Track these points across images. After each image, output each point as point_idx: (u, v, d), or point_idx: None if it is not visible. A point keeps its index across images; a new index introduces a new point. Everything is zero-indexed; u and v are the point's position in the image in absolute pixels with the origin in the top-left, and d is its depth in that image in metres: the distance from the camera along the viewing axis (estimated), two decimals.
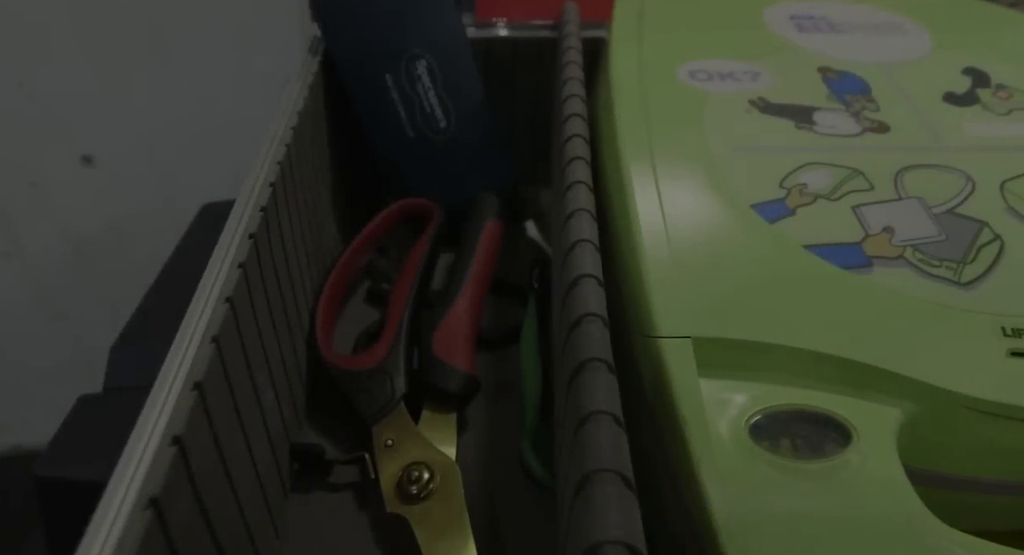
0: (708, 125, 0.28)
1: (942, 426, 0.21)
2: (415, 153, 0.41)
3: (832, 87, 0.30)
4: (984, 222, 0.24)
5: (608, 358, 0.19)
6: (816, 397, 0.21)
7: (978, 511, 0.23)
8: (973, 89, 0.30)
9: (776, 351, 0.21)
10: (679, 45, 0.32)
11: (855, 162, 0.26)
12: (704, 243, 0.23)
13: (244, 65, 0.56)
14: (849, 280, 0.23)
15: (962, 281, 0.23)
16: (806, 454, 0.20)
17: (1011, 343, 0.21)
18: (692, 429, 0.20)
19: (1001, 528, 0.23)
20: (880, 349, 0.21)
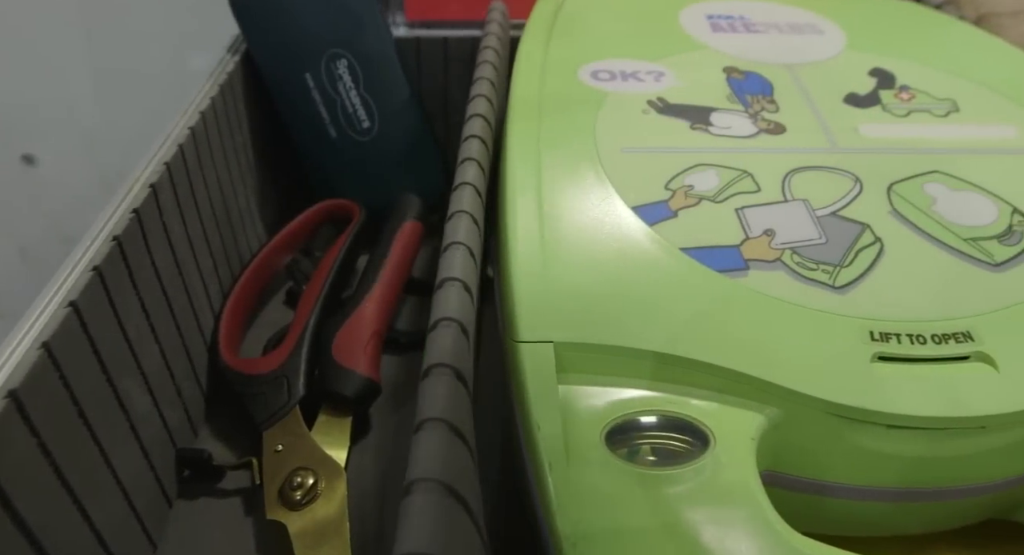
0: (601, 126, 0.27)
1: (806, 431, 0.21)
2: (339, 153, 0.41)
3: (735, 88, 0.30)
4: (867, 225, 0.24)
5: (458, 364, 0.19)
6: (680, 403, 0.21)
7: (847, 517, 0.23)
8: (876, 90, 0.30)
9: (641, 356, 0.21)
10: (587, 45, 0.32)
11: (745, 164, 0.26)
12: (578, 246, 0.23)
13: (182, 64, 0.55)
14: (722, 284, 0.22)
15: (836, 285, 0.22)
16: (664, 461, 0.20)
17: (877, 347, 0.21)
18: (544, 435, 0.19)
19: (870, 534, 0.23)
20: (745, 354, 0.21)
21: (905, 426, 0.20)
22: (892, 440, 0.21)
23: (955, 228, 0.24)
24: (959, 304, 0.22)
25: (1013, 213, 0.25)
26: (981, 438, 0.21)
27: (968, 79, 0.31)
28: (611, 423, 0.20)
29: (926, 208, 0.25)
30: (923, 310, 0.22)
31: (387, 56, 0.40)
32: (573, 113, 0.28)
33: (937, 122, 0.28)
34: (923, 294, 0.22)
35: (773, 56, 0.32)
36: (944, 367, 0.21)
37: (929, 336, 0.21)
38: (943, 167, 0.26)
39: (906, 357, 0.21)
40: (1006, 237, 0.24)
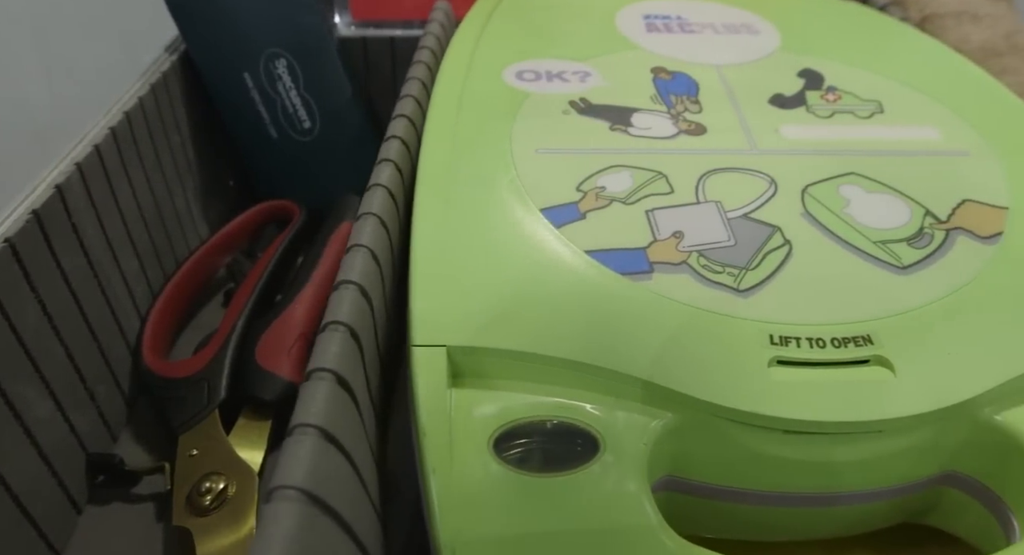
0: (518, 127, 0.27)
1: (703, 437, 0.21)
2: (279, 154, 0.41)
3: (660, 88, 0.30)
4: (777, 227, 0.24)
5: (342, 370, 0.19)
6: (574, 408, 0.20)
7: (753, 522, 0.22)
8: (803, 91, 0.30)
9: (536, 361, 0.21)
10: (517, 45, 0.32)
11: (661, 165, 0.26)
12: (480, 249, 0.23)
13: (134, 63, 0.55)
14: (624, 287, 0.22)
15: (740, 288, 0.22)
16: (553, 467, 0.19)
17: (776, 352, 0.21)
18: (428, 440, 0.19)
19: (778, 539, 0.23)
20: (640, 359, 0.20)
21: (801, 431, 0.20)
22: (789, 445, 0.21)
23: (866, 230, 0.24)
24: (862, 307, 0.22)
25: (926, 215, 0.24)
26: (878, 442, 0.21)
27: (898, 81, 0.31)
28: (501, 428, 0.20)
29: (839, 210, 0.24)
30: (825, 314, 0.22)
31: (328, 56, 0.40)
32: (491, 114, 0.28)
33: (860, 123, 0.28)
34: (826, 297, 0.22)
35: (704, 56, 0.32)
36: (842, 371, 0.21)
37: (829, 340, 0.21)
38: (860, 169, 0.26)
39: (804, 361, 0.21)
40: (916, 240, 0.24)
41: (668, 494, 0.22)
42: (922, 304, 0.22)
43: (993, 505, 0.21)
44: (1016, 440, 0.20)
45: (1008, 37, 0.39)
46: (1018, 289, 0.22)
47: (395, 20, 0.44)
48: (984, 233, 0.24)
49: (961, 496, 0.22)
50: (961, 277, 0.23)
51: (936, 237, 0.24)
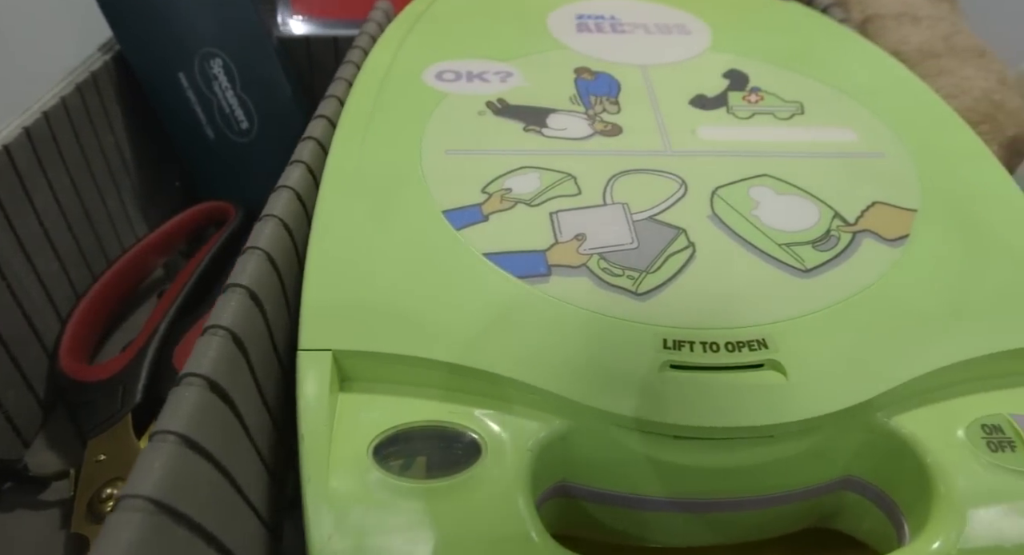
0: (431, 127, 0.27)
1: (594, 443, 0.20)
2: (217, 154, 0.40)
3: (580, 89, 0.29)
4: (682, 229, 0.24)
5: (216, 376, 0.18)
6: (462, 413, 0.20)
7: (651, 528, 0.22)
8: (725, 92, 0.30)
9: (426, 366, 0.20)
10: (441, 45, 0.32)
11: (571, 166, 0.25)
12: (377, 251, 0.22)
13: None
14: (520, 290, 0.22)
15: (639, 291, 0.22)
16: (434, 473, 0.19)
17: (669, 356, 0.21)
18: (307, 447, 0.19)
19: (679, 545, 0.23)
20: (531, 364, 0.20)
21: (691, 437, 0.20)
22: (681, 451, 0.20)
23: (772, 233, 0.24)
24: (760, 311, 0.22)
25: (834, 218, 0.24)
26: (771, 447, 0.20)
27: (824, 83, 0.31)
28: (384, 434, 0.20)
29: (746, 212, 0.24)
30: (721, 317, 0.21)
31: (266, 55, 0.39)
32: (405, 114, 0.27)
33: (778, 125, 0.28)
34: (724, 301, 0.22)
35: (631, 57, 0.32)
36: (735, 376, 0.21)
37: (723, 344, 0.21)
38: (773, 171, 0.26)
39: (698, 366, 0.21)
40: (821, 242, 0.23)
41: (564, 500, 0.22)
42: (820, 307, 0.22)
43: (888, 509, 0.21)
44: (906, 444, 0.20)
45: (947, 38, 0.38)
46: (917, 292, 0.22)
47: (339, 19, 0.44)
48: (890, 235, 0.24)
49: (860, 500, 0.22)
50: (862, 280, 0.22)
51: (842, 239, 0.24)
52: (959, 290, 0.22)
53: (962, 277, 0.23)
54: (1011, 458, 0.20)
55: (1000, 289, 0.22)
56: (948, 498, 0.19)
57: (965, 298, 0.22)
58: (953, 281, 0.23)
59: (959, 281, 0.23)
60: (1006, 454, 0.20)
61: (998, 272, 0.23)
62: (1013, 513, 0.19)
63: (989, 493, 0.19)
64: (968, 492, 0.19)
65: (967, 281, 0.23)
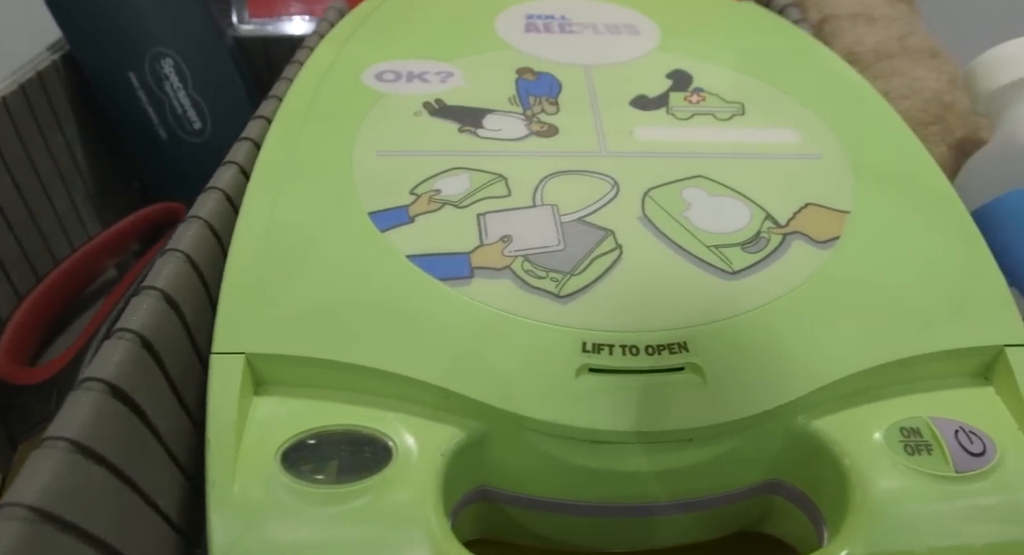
0: (365, 128, 0.26)
1: (511, 447, 0.20)
2: (170, 155, 0.40)
3: (521, 89, 0.29)
4: (611, 231, 0.23)
5: (119, 381, 0.18)
6: (377, 417, 0.20)
7: (575, 533, 0.22)
8: (667, 93, 0.29)
9: (341, 369, 0.20)
10: (385, 45, 0.31)
11: (503, 167, 0.25)
12: (298, 253, 0.22)
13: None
14: (440, 293, 0.21)
15: (561, 294, 0.22)
16: (343, 478, 0.19)
17: (587, 359, 0.20)
18: (213, 451, 0.19)
19: (605, 550, 0.23)
20: (448, 367, 0.20)
21: (608, 441, 0.20)
22: (598, 456, 0.20)
23: (701, 235, 0.23)
24: (683, 314, 0.21)
25: (765, 219, 0.24)
26: (689, 452, 0.20)
27: (770, 83, 0.30)
28: (295, 438, 0.19)
29: (677, 214, 0.24)
30: (643, 320, 0.21)
31: (218, 56, 0.39)
32: (339, 115, 0.27)
33: (718, 125, 0.28)
34: (647, 304, 0.22)
35: (576, 57, 0.31)
36: (654, 379, 0.20)
37: (643, 347, 0.21)
38: (708, 172, 0.26)
39: (616, 369, 0.20)
40: (751, 244, 0.23)
41: (487, 504, 0.22)
42: (745, 310, 0.22)
43: (811, 513, 0.21)
44: (825, 447, 0.20)
45: (901, 39, 0.38)
46: (842, 295, 0.22)
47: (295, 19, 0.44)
48: (821, 237, 0.24)
49: (786, 504, 0.22)
50: (789, 282, 0.22)
51: (772, 241, 0.23)
52: (885, 293, 0.22)
53: (889, 280, 0.23)
54: (927, 461, 0.20)
55: (926, 293, 0.22)
56: (862, 502, 0.19)
57: (890, 301, 0.22)
58: (879, 284, 0.23)
59: (885, 284, 0.23)
60: (922, 457, 0.20)
61: (925, 276, 0.23)
62: (924, 517, 0.19)
63: (902, 497, 0.19)
64: (881, 496, 0.19)
65: (893, 284, 0.23)
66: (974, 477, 0.19)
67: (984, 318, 0.22)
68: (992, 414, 0.21)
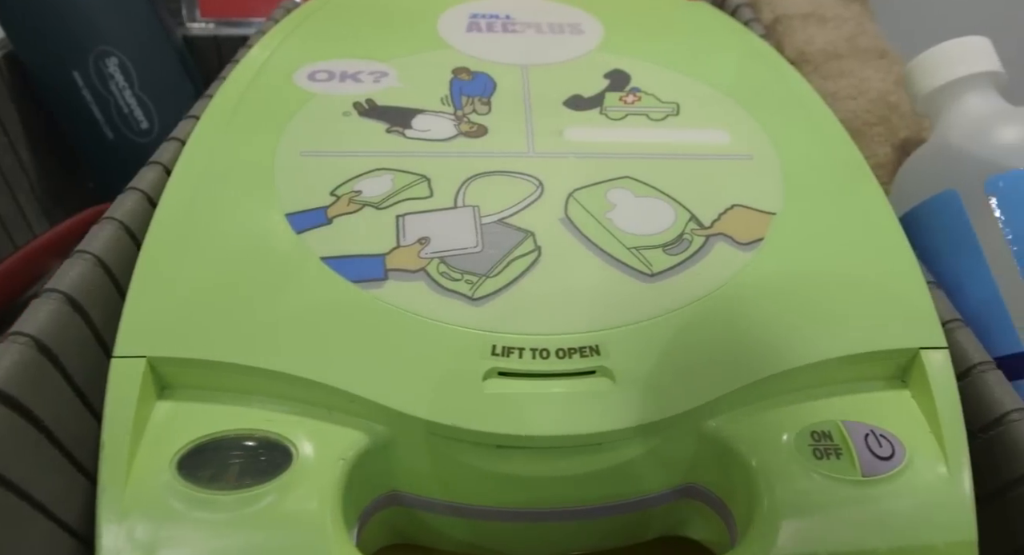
0: (292, 129, 0.26)
1: (417, 452, 0.20)
2: (117, 155, 0.40)
3: (454, 89, 0.29)
4: (531, 232, 0.23)
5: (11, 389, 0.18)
6: (280, 421, 0.20)
7: (489, 539, 0.22)
8: (603, 93, 0.29)
9: (245, 373, 0.20)
10: (322, 44, 0.31)
11: (428, 168, 0.25)
12: (211, 255, 0.22)
13: None
14: (352, 295, 0.21)
15: (475, 296, 0.21)
16: (244, 483, 0.18)
17: (496, 363, 0.20)
18: (106, 456, 0.18)
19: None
20: (353, 371, 0.20)
21: (514, 446, 0.20)
22: (506, 461, 0.20)
23: (623, 236, 0.23)
24: (596, 317, 0.21)
25: (689, 221, 0.24)
26: (600, 456, 0.20)
27: (709, 83, 0.30)
28: (194, 443, 0.19)
29: (600, 215, 0.24)
30: (555, 323, 0.21)
31: (165, 54, 0.39)
32: (267, 114, 0.27)
33: (650, 126, 0.28)
34: (562, 306, 0.21)
35: (515, 56, 0.31)
36: (563, 383, 0.20)
37: (554, 350, 0.20)
38: (636, 172, 0.25)
39: (525, 373, 0.20)
40: (672, 246, 0.23)
41: (400, 509, 0.21)
42: (661, 313, 0.21)
43: (726, 517, 0.21)
44: (736, 451, 0.20)
45: (850, 39, 0.38)
46: (759, 298, 0.22)
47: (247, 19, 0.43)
48: (744, 239, 0.23)
49: (704, 508, 0.22)
50: (707, 285, 0.22)
51: (694, 243, 0.23)
52: (804, 296, 0.22)
53: (809, 283, 0.22)
54: (834, 465, 0.19)
55: (845, 296, 0.22)
56: (768, 506, 0.19)
57: (809, 304, 0.22)
58: (799, 287, 0.22)
59: (805, 287, 0.22)
60: (830, 461, 0.20)
61: (846, 279, 0.23)
62: (829, 521, 0.19)
63: (807, 501, 0.19)
64: (787, 500, 0.19)
65: (813, 287, 0.22)
66: (881, 481, 0.19)
67: (902, 321, 0.22)
68: (906, 417, 0.21)
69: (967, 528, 0.19)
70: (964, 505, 0.19)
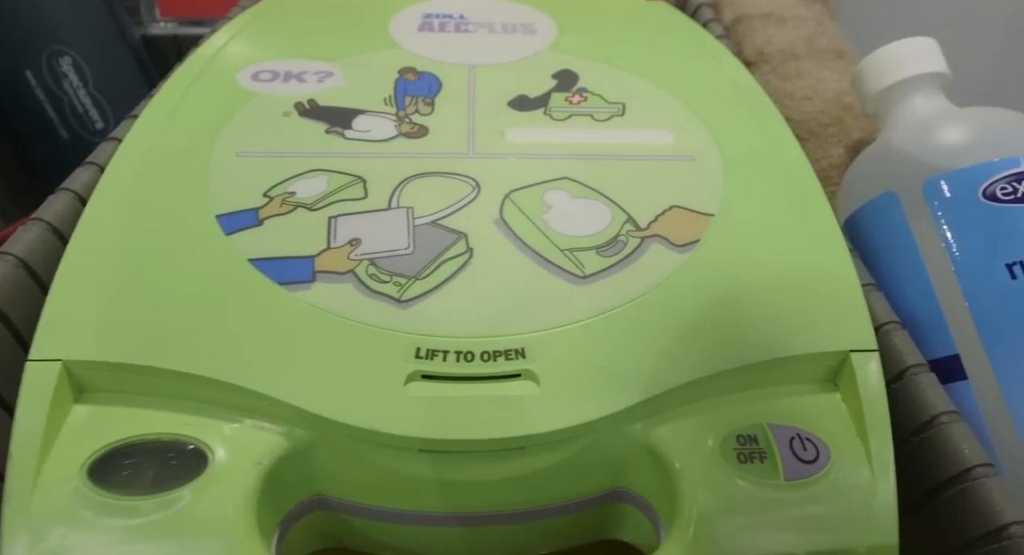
0: (230, 128, 0.26)
1: (339, 456, 0.20)
2: (72, 155, 0.39)
3: (399, 89, 0.29)
4: (464, 234, 0.23)
5: None
6: (199, 425, 0.19)
7: (420, 544, 0.22)
8: (549, 93, 0.29)
9: (163, 376, 0.20)
10: (270, 43, 0.31)
11: (365, 169, 0.25)
12: (135, 256, 0.22)
13: None
14: (278, 297, 0.21)
15: (402, 299, 0.21)
16: (158, 488, 0.18)
17: (420, 366, 0.20)
18: (15, 462, 0.18)
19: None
20: (272, 374, 0.19)
21: (436, 450, 0.19)
22: (429, 465, 0.20)
23: (557, 238, 0.23)
24: (524, 320, 0.21)
25: (626, 222, 0.24)
26: (524, 460, 0.20)
27: (658, 84, 0.30)
28: (107, 448, 0.19)
29: (535, 217, 0.24)
30: (482, 326, 0.21)
31: (120, 54, 0.38)
32: (206, 114, 0.26)
33: (594, 127, 0.27)
34: (489, 309, 0.21)
35: (464, 57, 0.31)
36: (487, 386, 0.20)
37: (479, 353, 0.20)
38: (575, 174, 0.25)
39: (448, 376, 0.20)
40: (607, 247, 0.23)
41: (328, 513, 0.21)
42: (590, 315, 0.21)
43: (655, 522, 0.21)
44: (661, 456, 0.20)
45: (809, 40, 0.38)
46: (692, 300, 0.22)
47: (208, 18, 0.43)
48: (680, 241, 0.23)
49: (635, 512, 0.22)
50: (639, 287, 0.22)
51: (629, 245, 0.23)
52: (737, 299, 0.22)
53: (743, 285, 0.22)
54: (758, 469, 0.19)
55: (779, 298, 0.22)
56: (688, 511, 0.19)
57: (741, 307, 0.22)
58: (733, 289, 0.22)
59: (739, 289, 0.22)
60: (754, 465, 0.19)
61: (780, 281, 0.22)
62: (747, 525, 0.18)
63: (726, 505, 0.19)
64: (707, 505, 0.19)
65: (747, 290, 0.22)
66: (802, 485, 0.19)
67: (833, 324, 0.22)
68: (835, 420, 0.21)
69: (889, 532, 0.19)
70: (886, 509, 0.19)
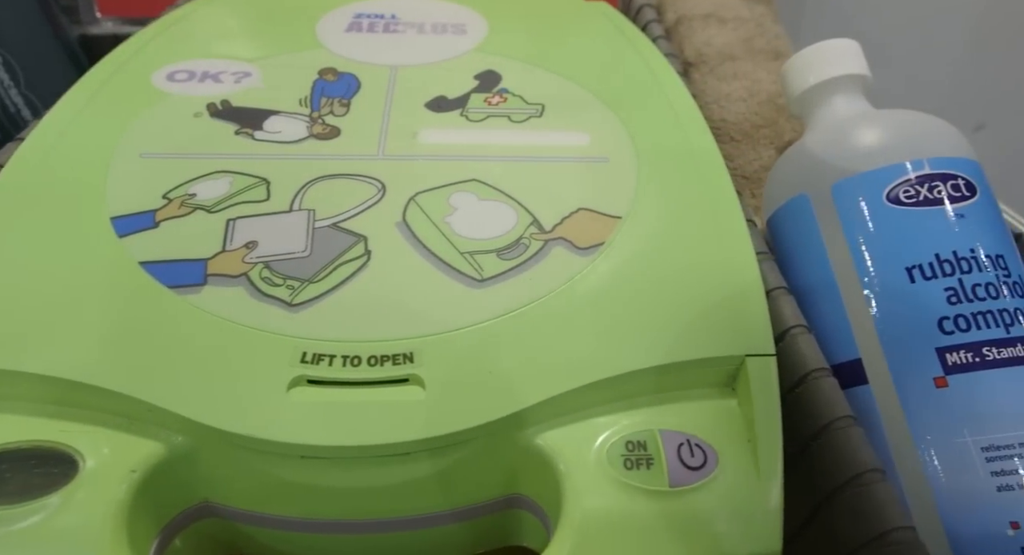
0: (136, 128, 0.26)
1: (220, 462, 0.19)
2: None
3: (316, 90, 0.28)
4: (364, 237, 0.23)
5: None
6: (73, 432, 0.19)
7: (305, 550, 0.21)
8: (469, 94, 0.29)
9: (34, 381, 0.19)
10: (191, 43, 0.30)
11: (270, 171, 0.24)
12: (22, 258, 0.21)
13: None
14: (165, 301, 0.21)
15: (293, 302, 0.21)
16: (25, 497, 0.18)
17: (305, 371, 0.20)
18: None
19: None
20: (151, 378, 0.19)
21: (319, 456, 0.19)
22: (314, 472, 0.19)
23: (458, 241, 0.23)
24: (415, 323, 0.21)
25: (530, 225, 0.23)
26: (409, 466, 0.20)
27: (582, 85, 0.30)
28: None
29: (439, 219, 0.23)
30: (371, 330, 0.21)
31: (54, 53, 0.38)
32: (113, 115, 0.26)
33: (510, 127, 0.27)
34: (381, 312, 0.21)
35: (387, 57, 0.31)
36: (373, 391, 0.20)
37: (366, 358, 0.20)
38: (484, 175, 0.25)
39: (334, 381, 0.20)
40: (508, 250, 0.23)
41: (217, 520, 0.21)
42: (483, 319, 0.21)
43: (548, 526, 0.20)
44: (550, 461, 0.19)
45: (747, 41, 0.38)
46: (590, 304, 0.21)
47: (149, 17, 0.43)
48: (584, 244, 0.23)
49: (530, 518, 0.21)
50: (537, 291, 0.22)
51: (531, 247, 0.23)
52: (636, 303, 0.22)
53: (644, 290, 0.22)
54: (644, 476, 0.19)
55: (680, 302, 0.22)
56: (571, 516, 0.18)
57: (640, 311, 0.22)
58: (633, 293, 0.22)
59: (639, 294, 0.22)
60: (640, 472, 0.19)
61: (682, 285, 0.22)
62: (629, 531, 0.18)
63: (609, 512, 0.18)
64: (589, 510, 0.18)
65: (648, 294, 0.22)
66: (687, 491, 0.19)
67: (731, 328, 0.21)
68: (728, 426, 0.20)
69: (772, 539, 0.19)
70: (770, 515, 0.19)
